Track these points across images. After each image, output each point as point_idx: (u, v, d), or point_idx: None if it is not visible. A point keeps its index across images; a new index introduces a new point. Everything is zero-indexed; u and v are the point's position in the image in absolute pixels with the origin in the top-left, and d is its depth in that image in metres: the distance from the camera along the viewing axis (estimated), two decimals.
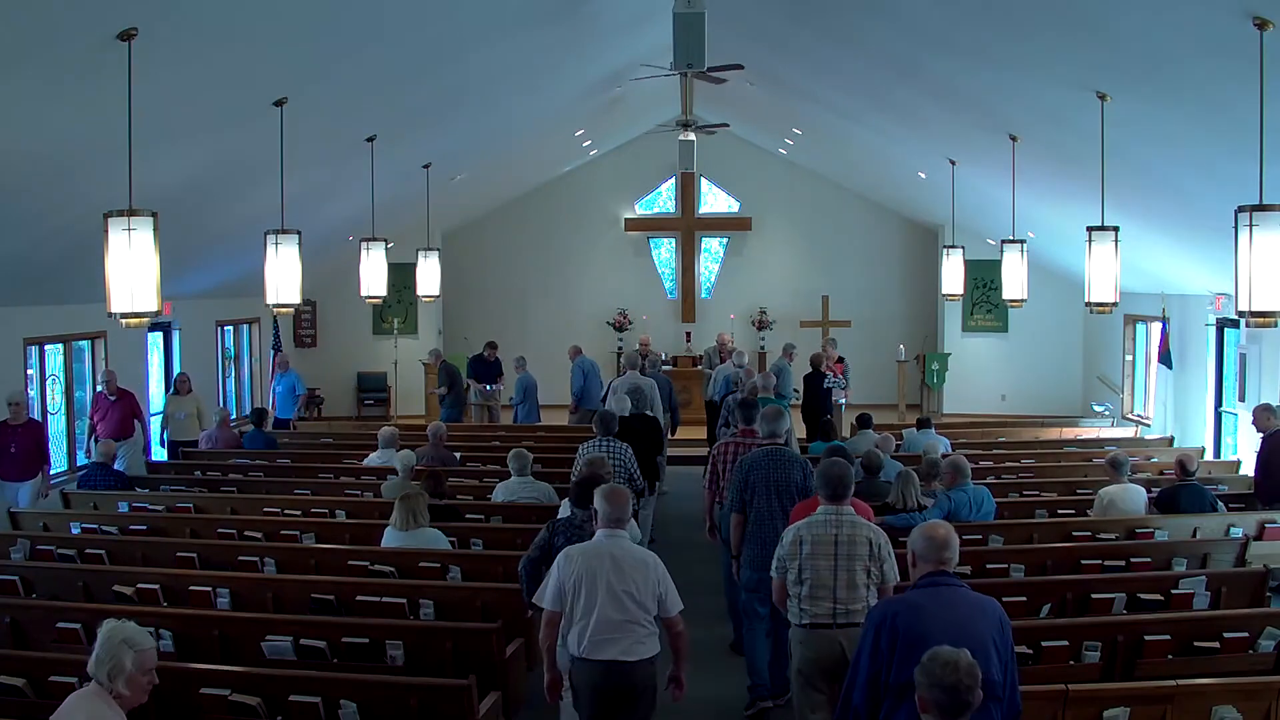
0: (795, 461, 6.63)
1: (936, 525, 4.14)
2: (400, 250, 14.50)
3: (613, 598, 4.76)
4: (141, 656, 3.62)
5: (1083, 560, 7.20)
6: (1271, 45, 5.39)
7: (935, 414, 15.87)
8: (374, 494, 9.12)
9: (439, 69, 9.68)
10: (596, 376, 14.20)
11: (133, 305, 5.78)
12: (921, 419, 11.73)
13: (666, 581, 4.91)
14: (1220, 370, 12.55)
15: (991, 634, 3.81)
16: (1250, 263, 5.50)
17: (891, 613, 3.90)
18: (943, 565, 3.98)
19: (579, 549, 4.93)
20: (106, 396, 11.25)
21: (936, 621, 3.77)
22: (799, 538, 5.19)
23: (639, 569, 4.83)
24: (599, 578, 4.78)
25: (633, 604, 4.79)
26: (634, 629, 4.79)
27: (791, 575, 5.19)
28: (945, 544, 3.99)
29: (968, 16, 7.80)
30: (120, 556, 7.58)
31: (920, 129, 12.28)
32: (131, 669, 3.56)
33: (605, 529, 4.92)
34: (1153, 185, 9.69)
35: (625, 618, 4.77)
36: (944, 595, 3.90)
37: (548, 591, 4.90)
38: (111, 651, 3.56)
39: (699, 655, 7.49)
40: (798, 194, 19.29)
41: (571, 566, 4.83)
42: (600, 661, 4.78)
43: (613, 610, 4.76)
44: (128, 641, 3.59)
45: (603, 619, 4.76)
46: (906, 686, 3.66)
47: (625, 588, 4.78)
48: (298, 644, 5.72)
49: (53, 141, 7.08)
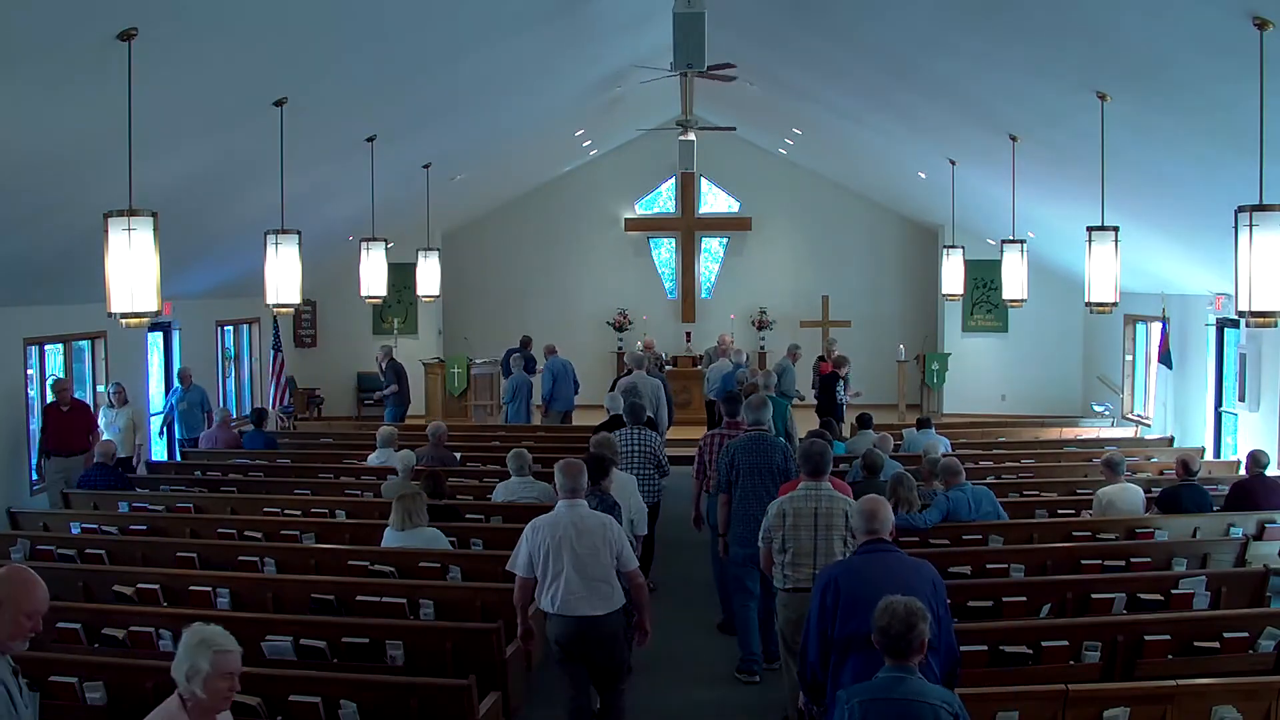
0: (776, 446, 7.16)
1: (866, 500, 4.69)
2: (400, 250, 14.50)
3: (578, 560, 5.32)
4: (220, 659, 3.35)
5: (1083, 560, 7.20)
6: (1271, 45, 5.39)
7: (935, 414, 15.87)
8: (374, 494, 9.11)
9: (439, 69, 9.68)
10: (568, 378, 14.29)
11: (133, 305, 5.77)
12: (921, 419, 11.72)
13: (622, 540, 5.46)
14: (1220, 370, 12.55)
15: (924, 591, 4.23)
16: (1250, 263, 5.50)
17: (834, 575, 4.47)
18: (876, 534, 4.55)
19: (544, 520, 5.44)
20: (59, 407, 10.40)
21: (873, 581, 4.25)
22: (783, 510, 5.76)
23: (597, 530, 5.38)
24: (564, 545, 5.33)
25: (595, 564, 5.33)
26: (599, 586, 5.35)
27: (776, 544, 5.74)
28: (873, 516, 4.57)
29: (968, 17, 7.80)
30: (120, 556, 7.58)
31: (920, 129, 12.28)
32: (209, 670, 3.32)
33: (565, 499, 5.45)
34: (1153, 185, 9.69)
35: (591, 577, 5.33)
36: (880, 559, 4.48)
37: (519, 560, 5.45)
38: (190, 652, 3.35)
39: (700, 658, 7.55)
40: (798, 194, 19.30)
41: (539, 537, 5.38)
42: (573, 617, 5.34)
43: (579, 572, 5.32)
44: (206, 641, 3.37)
45: (571, 580, 5.31)
46: (849, 639, 4.27)
47: (587, 550, 5.32)
48: (298, 644, 5.72)
49: (53, 141, 7.08)
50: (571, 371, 14.45)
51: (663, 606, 7.39)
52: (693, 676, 7.25)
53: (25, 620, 3.40)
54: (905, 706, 3.58)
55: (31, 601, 3.41)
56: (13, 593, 3.39)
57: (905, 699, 3.59)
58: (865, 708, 3.61)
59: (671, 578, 9.24)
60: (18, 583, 3.42)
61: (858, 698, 3.66)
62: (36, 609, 3.43)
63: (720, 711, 6.72)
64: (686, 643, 7.80)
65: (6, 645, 3.42)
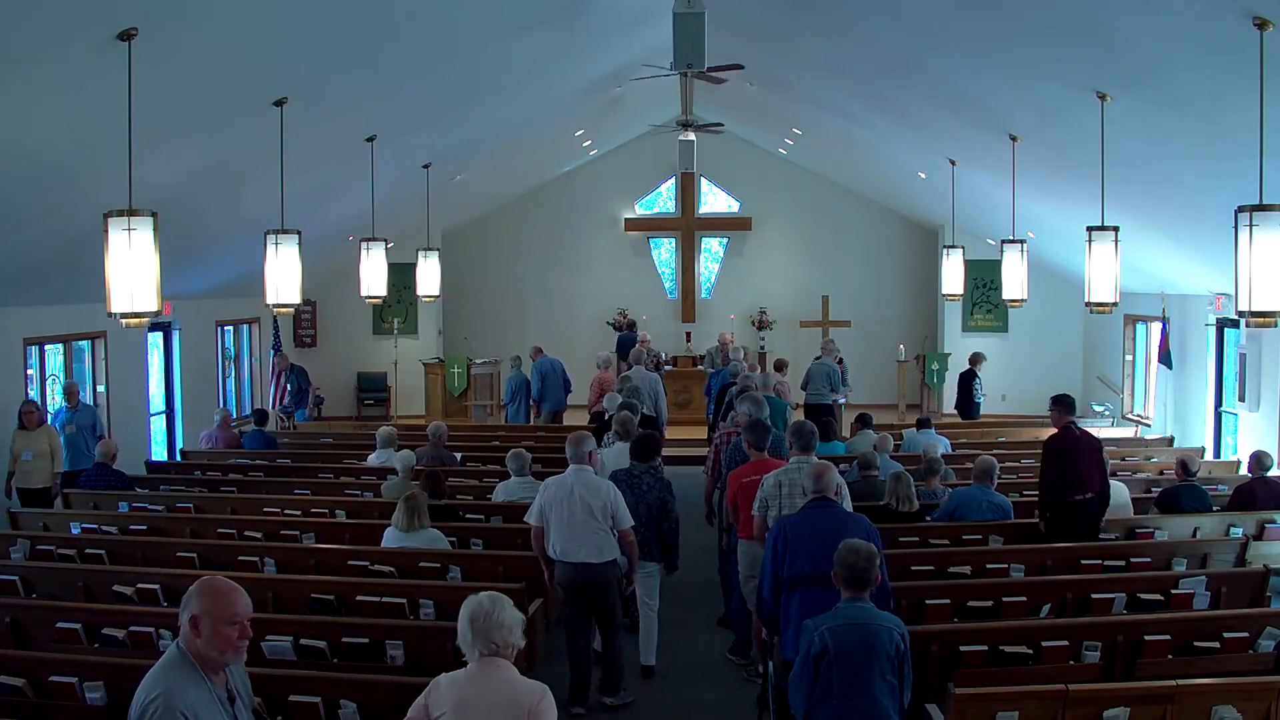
0: (776, 439, 7.42)
1: (815, 465, 5.62)
2: (400, 250, 14.51)
3: (578, 514, 6.38)
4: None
5: (1083, 560, 7.20)
6: (1271, 45, 5.39)
7: (935, 414, 15.87)
8: (374, 494, 9.11)
9: (439, 69, 9.68)
10: (557, 377, 14.32)
11: (133, 305, 5.77)
12: (921, 419, 11.73)
13: (618, 501, 6.48)
14: (1220, 370, 12.55)
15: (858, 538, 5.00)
16: (1250, 263, 5.50)
17: (784, 526, 5.37)
18: (822, 493, 5.43)
19: (554, 480, 6.61)
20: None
21: (815, 531, 5.19)
22: (778, 481, 6.26)
23: (597, 492, 6.44)
24: (566, 501, 6.41)
25: (593, 518, 6.38)
26: (592, 538, 6.39)
27: (772, 513, 6.19)
28: (819, 477, 5.47)
29: (968, 16, 7.80)
30: (120, 556, 7.57)
31: (920, 129, 12.28)
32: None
33: (573, 465, 6.55)
34: (1153, 185, 9.69)
35: (589, 529, 6.38)
36: (822, 513, 5.36)
37: (533, 511, 6.56)
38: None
39: (702, 654, 7.56)
40: (798, 194, 19.29)
41: (548, 493, 6.51)
42: (572, 563, 6.43)
43: (579, 524, 6.38)
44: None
45: (573, 531, 6.39)
46: (795, 579, 5.19)
47: (584, 509, 6.37)
48: (298, 644, 5.71)
49: (53, 141, 7.08)
50: (561, 371, 14.50)
51: (663, 606, 7.40)
52: (693, 673, 7.28)
53: (229, 630, 3.14)
54: (865, 629, 4.33)
55: (231, 608, 3.17)
56: (208, 605, 3.15)
57: (865, 623, 4.35)
58: (834, 632, 4.31)
59: (672, 577, 9.23)
60: (212, 593, 3.18)
61: (825, 625, 4.34)
62: (238, 615, 3.18)
63: (721, 707, 6.73)
64: (688, 640, 7.82)
65: (216, 661, 3.17)
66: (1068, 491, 7.42)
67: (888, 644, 4.32)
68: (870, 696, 4.29)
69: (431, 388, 17.11)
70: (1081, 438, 7.61)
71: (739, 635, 7.39)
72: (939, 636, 5.64)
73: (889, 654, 4.32)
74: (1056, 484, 7.48)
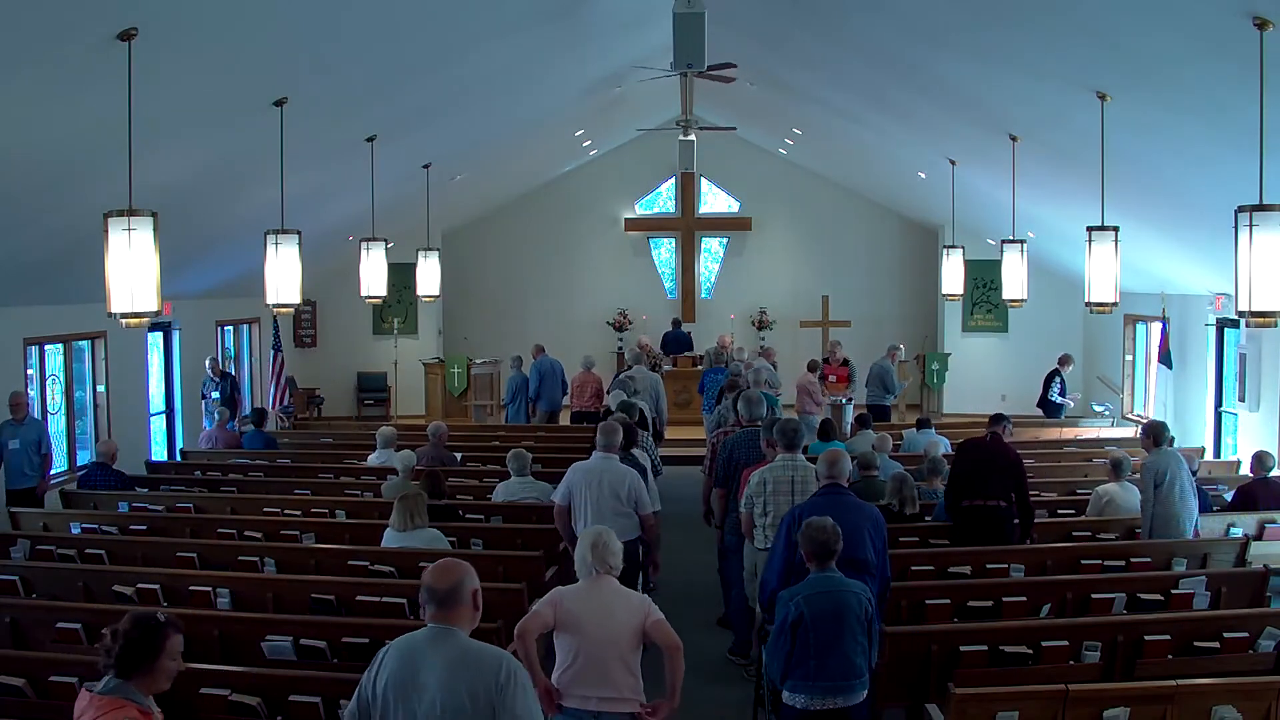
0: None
1: (829, 452, 5.88)
2: (400, 250, 14.50)
3: (603, 497, 6.77)
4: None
5: (1083, 560, 7.20)
6: (1271, 45, 5.39)
7: (935, 414, 15.87)
8: (374, 494, 9.11)
9: (439, 69, 9.68)
10: (555, 377, 14.33)
11: (133, 305, 5.77)
12: (921, 419, 11.73)
13: (639, 487, 6.89)
14: (1220, 370, 12.54)
15: (867, 526, 5.56)
16: (1250, 263, 5.50)
17: (799, 511, 5.55)
18: (834, 480, 5.76)
19: (583, 464, 7.01)
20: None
21: (831, 515, 5.17)
22: (764, 479, 6.54)
23: (621, 479, 6.85)
24: (592, 485, 6.80)
25: (616, 501, 6.77)
26: (614, 519, 6.56)
27: (758, 510, 6.50)
28: (834, 464, 5.78)
29: (968, 16, 7.80)
30: (120, 556, 7.57)
31: (920, 129, 12.28)
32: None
33: (600, 452, 6.96)
34: (1152, 185, 9.68)
35: (613, 511, 6.72)
36: (835, 499, 5.64)
37: (559, 491, 6.95)
38: None
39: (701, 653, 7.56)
40: (798, 194, 19.29)
41: (575, 476, 6.90)
42: None
43: (604, 506, 6.74)
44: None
45: (598, 512, 6.69)
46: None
47: (609, 492, 6.77)
48: (298, 644, 5.72)
49: (53, 141, 7.08)
50: (560, 371, 14.50)
51: (664, 605, 7.38)
52: (693, 673, 7.21)
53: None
54: (837, 595, 4.77)
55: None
56: None
57: (836, 590, 4.79)
58: (809, 600, 4.74)
59: (673, 577, 9.24)
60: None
61: (800, 594, 4.78)
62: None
63: (720, 706, 6.73)
64: (687, 640, 7.76)
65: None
66: (965, 494, 7.49)
67: (857, 608, 4.78)
68: (844, 655, 4.74)
69: (431, 388, 17.11)
70: (993, 446, 7.66)
71: (739, 635, 7.40)
72: (939, 636, 5.64)
73: (859, 617, 4.78)
74: (955, 485, 7.61)
